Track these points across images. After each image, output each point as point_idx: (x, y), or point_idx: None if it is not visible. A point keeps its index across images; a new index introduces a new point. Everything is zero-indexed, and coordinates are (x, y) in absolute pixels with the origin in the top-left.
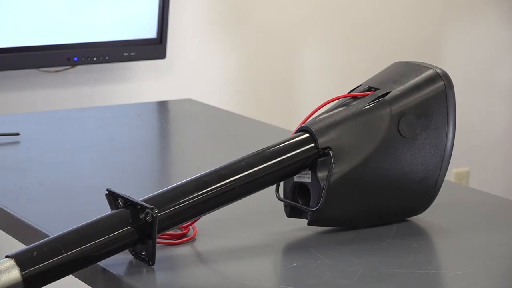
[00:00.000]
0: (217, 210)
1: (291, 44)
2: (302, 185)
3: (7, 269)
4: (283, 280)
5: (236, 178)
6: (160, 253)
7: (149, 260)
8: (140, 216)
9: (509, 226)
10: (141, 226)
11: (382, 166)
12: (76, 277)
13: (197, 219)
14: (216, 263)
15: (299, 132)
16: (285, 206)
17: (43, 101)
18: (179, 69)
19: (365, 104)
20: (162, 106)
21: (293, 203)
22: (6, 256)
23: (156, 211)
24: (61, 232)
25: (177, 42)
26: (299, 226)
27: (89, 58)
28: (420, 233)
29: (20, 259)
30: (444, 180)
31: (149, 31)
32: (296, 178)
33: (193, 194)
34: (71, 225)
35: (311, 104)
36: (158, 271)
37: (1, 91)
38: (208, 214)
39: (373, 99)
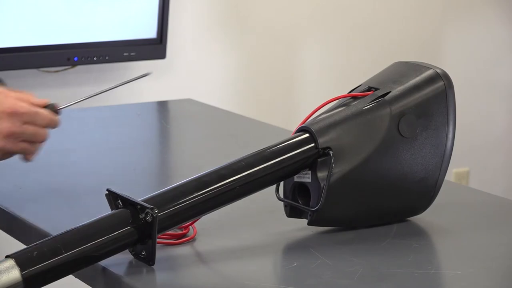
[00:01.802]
0: (217, 210)
1: (291, 44)
2: (302, 185)
3: (7, 269)
4: (283, 280)
5: (236, 178)
6: (160, 253)
7: (149, 260)
8: (140, 216)
9: (509, 226)
10: (141, 226)
11: (382, 166)
12: (76, 277)
13: (197, 219)
14: (216, 263)
15: (299, 132)
16: (285, 206)
17: None
18: (179, 69)
19: (365, 104)
20: (162, 106)
21: (293, 203)
22: (6, 256)
23: (156, 211)
24: (61, 232)
25: (177, 42)
26: (299, 226)
27: (89, 58)
28: (420, 233)
29: (20, 259)
30: (444, 180)
31: (149, 31)
32: (296, 178)
33: (193, 194)
34: (71, 225)
35: (311, 104)
36: (158, 271)
37: None
38: (208, 214)
39: (373, 99)
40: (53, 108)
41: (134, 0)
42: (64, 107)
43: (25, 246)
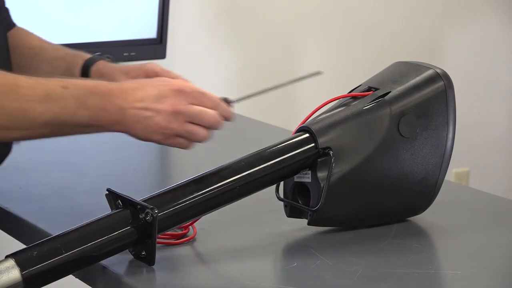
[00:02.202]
0: (217, 210)
1: (291, 44)
2: (302, 185)
3: (7, 269)
4: (283, 280)
5: (236, 178)
6: (160, 253)
7: (149, 260)
8: (140, 216)
9: (509, 226)
10: (141, 226)
11: (382, 166)
12: (76, 277)
13: (197, 219)
14: (216, 263)
15: (299, 132)
16: (285, 206)
17: None
18: (179, 69)
19: (365, 104)
20: None
21: (293, 203)
22: (6, 256)
23: (156, 211)
24: (61, 232)
25: (177, 42)
26: (299, 226)
27: None
28: (420, 233)
29: (20, 259)
30: (444, 180)
31: (149, 31)
32: (296, 178)
33: (193, 194)
34: (71, 225)
35: (311, 104)
36: (158, 271)
37: None
38: (208, 214)
39: (373, 99)
40: (226, 101)
41: (134, 0)
42: (238, 100)
43: (25, 246)
